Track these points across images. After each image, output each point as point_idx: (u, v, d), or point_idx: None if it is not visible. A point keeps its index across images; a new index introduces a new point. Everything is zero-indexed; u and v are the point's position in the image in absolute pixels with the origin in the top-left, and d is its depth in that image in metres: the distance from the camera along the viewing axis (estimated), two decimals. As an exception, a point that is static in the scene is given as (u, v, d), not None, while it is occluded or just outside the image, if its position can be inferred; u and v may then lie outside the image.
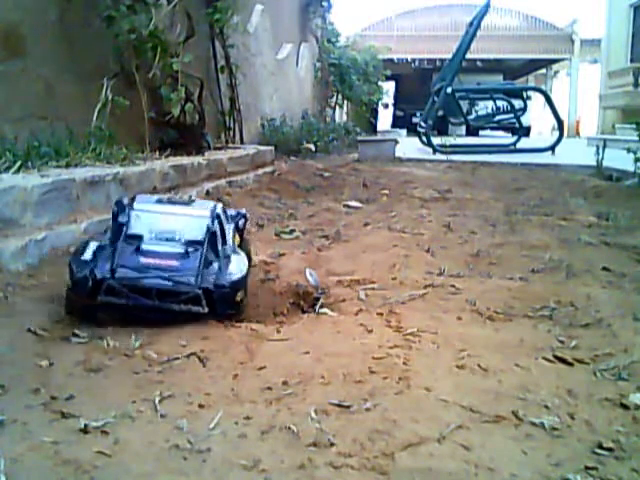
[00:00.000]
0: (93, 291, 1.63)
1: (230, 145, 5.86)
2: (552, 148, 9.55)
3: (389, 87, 17.49)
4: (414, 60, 20.98)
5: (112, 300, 1.63)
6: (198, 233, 1.79)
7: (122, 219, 1.78)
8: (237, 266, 1.81)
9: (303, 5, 10.69)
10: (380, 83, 14.18)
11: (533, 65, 23.41)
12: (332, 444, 1.07)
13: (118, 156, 3.24)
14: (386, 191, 5.01)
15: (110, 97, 3.60)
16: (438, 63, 18.65)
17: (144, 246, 1.73)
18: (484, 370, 1.41)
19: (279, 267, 2.44)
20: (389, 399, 1.25)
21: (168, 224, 1.80)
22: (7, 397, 1.23)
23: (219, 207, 1.98)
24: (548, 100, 10.75)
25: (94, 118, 3.49)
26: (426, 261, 2.53)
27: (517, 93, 12.94)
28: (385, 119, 22.28)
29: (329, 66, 12.20)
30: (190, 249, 1.74)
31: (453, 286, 2.13)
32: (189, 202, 2.03)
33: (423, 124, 10.12)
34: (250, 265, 1.98)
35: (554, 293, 2.03)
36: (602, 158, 6.30)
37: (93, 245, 1.73)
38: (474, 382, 1.35)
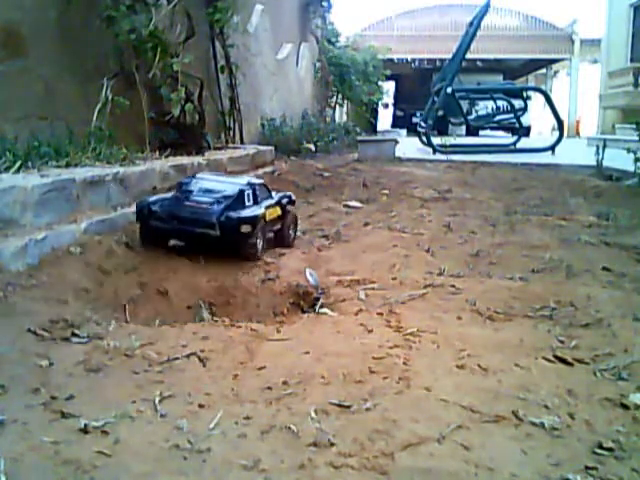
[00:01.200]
0: (148, 216, 2.48)
1: (230, 145, 5.86)
2: (552, 148, 9.54)
3: (389, 87, 17.49)
4: (414, 60, 20.97)
5: (158, 224, 2.46)
6: (231, 192, 2.58)
7: (183, 181, 2.71)
8: (249, 212, 2.53)
9: (303, 5, 10.69)
10: (380, 83, 14.17)
11: (533, 65, 23.40)
12: (332, 444, 1.07)
13: (118, 156, 3.24)
14: (386, 191, 5.01)
15: (110, 97, 3.60)
16: (438, 63, 18.64)
17: (191, 196, 2.55)
18: (484, 370, 1.41)
19: (279, 267, 2.44)
20: (389, 399, 1.25)
21: (212, 185, 2.64)
22: (7, 397, 1.23)
23: (259, 182, 2.84)
24: (548, 100, 10.75)
25: (94, 118, 3.49)
26: (426, 261, 2.53)
27: (517, 93, 12.94)
28: (385, 119, 22.27)
29: (329, 66, 12.20)
30: (221, 200, 2.52)
31: (453, 286, 2.12)
32: (240, 177, 2.99)
33: (423, 124, 10.12)
34: (295, 231, 2.96)
35: (554, 293, 2.03)
36: (602, 158, 6.30)
37: (159, 195, 2.69)
38: (474, 382, 1.35)
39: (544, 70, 24.50)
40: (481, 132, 17.76)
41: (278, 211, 2.79)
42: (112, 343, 1.52)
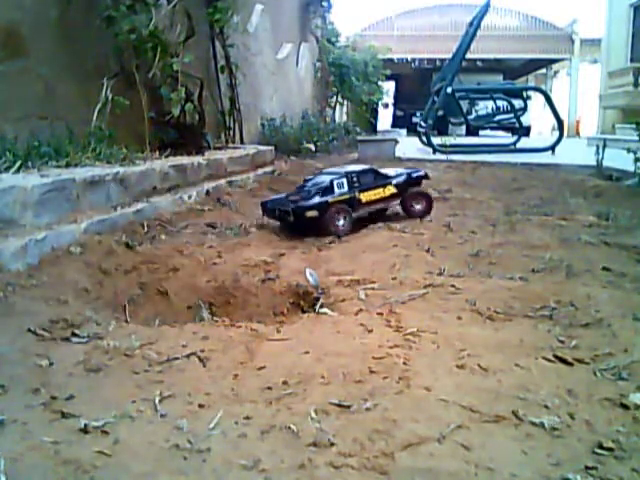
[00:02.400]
0: (265, 209, 3.30)
1: (230, 145, 5.86)
2: (552, 148, 9.54)
3: (389, 87, 17.48)
4: (414, 60, 20.97)
5: (270, 215, 3.28)
6: (326, 183, 3.20)
7: (307, 177, 3.47)
8: (317, 200, 3.11)
9: (303, 5, 10.69)
10: (380, 83, 14.17)
11: (533, 65, 23.40)
12: (332, 444, 1.07)
13: (118, 156, 3.24)
14: (386, 191, 5.00)
15: (110, 97, 3.60)
16: (438, 63, 18.65)
17: (300, 190, 3.26)
18: (484, 370, 1.41)
19: (279, 267, 2.44)
20: (389, 399, 1.25)
21: (320, 180, 3.29)
22: (7, 397, 1.23)
23: (361, 169, 3.42)
24: (548, 100, 10.74)
25: (94, 118, 3.49)
26: (426, 261, 2.53)
27: (517, 93, 12.93)
28: (385, 119, 22.28)
29: (329, 66, 12.20)
30: (316, 191, 3.15)
31: (453, 286, 2.12)
32: (354, 166, 3.60)
33: (423, 124, 10.12)
34: (424, 205, 3.52)
35: (554, 293, 2.03)
36: (602, 158, 6.30)
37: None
38: (474, 382, 1.35)
39: (544, 70, 24.51)
40: (481, 132, 17.76)
41: (390, 190, 3.42)
42: (112, 343, 1.52)
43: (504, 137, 14.75)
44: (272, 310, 2.13)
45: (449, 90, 9.50)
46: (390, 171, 3.62)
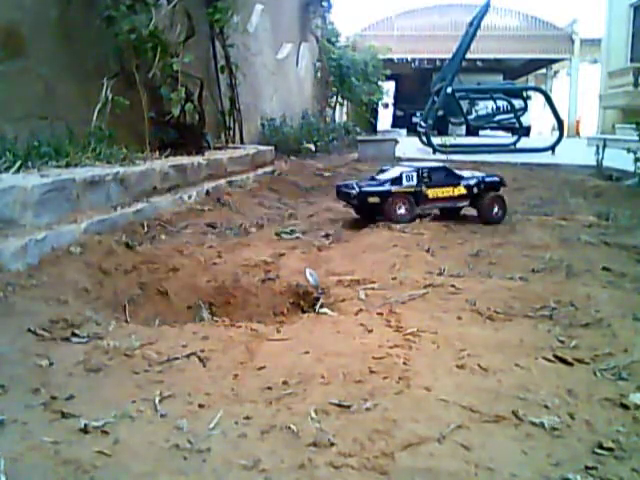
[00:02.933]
0: (338, 191, 3.64)
1: (230, 145, 5.86)
2: (552, 148, 9.55)
3: (389, 87, 17.48)
4: (414, 60, 20.97)
5: (341, 197, 3.61)
6: (396, 175, 3.46)
7: (382, 167, 3.76)
8: (380, 187, 3.42)
9: (303, 5, 10.69)
10: (380, 83, 14.17)
11: (533, 65, 23.40)
12: (332, 444, 1.07)
13: (118, 156, 3.24)
14: (386, 191, 5.00)
15: (110, 97, 3.60)
16: (438, 63, 18.64)
17: (374, 179, 3.57)
18: (484, 370, 1.41)
19: (279, 267, 2.44)
20: (389, 399, 1.25)
21: (394, 170, 3.56)
22: (7, 397, 1.23)
23: (431, 166, 3.59)
24: (548, 100, 10.74)
25: (94, 118, 3.49)
26: (426, 261, 2.53)
27: (517, 93, 12.93)
28: (385, 119, 22.27)
29: (329, 66, 12.20)
30: (387, 180, 3.46)
31: (453, 286, 2.12)
32: (426, 162, 4.08)
33: (423, 124, 10.12)
34: (499, 211, 3.54)
35: (554, 293, 2.03)
36: (602, 158, 6.30)
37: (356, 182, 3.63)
38: (474, 382, 1.35)
39: (544, 70, 24.51)
40: (481, 132, 17.76)
41: (460, 191, 3.53)
42: (112, 343, 1.52)
43: (504, 137, 14.75)
44: (272, 310, 2.13)
45: (449, 90, 9.50)
46: (466, 173, 3.74)
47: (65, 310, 1.75)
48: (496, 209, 3.53)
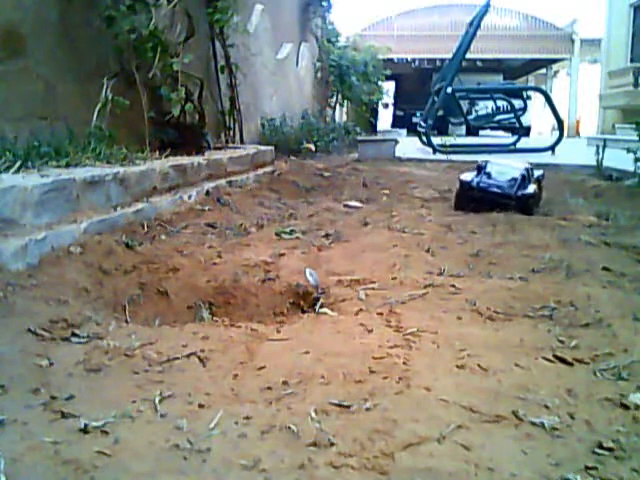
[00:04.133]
0: (469, 189, 3.96)
1: (230, 145, 5.86)
2: (552, 148, 9.55)
3: (389, 87, 17.48)
4: (414, 60, 20.99)
5: (475, 194, 3.92)
6: (516, 175, 3.95)
7: (482, 165, 4.10)
8: (529, 189, 3.91)
9: (303, 5, 10.69)
10: (380, 83, 14.17)
11: (533, 65, 23.41)
12: (332, 444, 1.07)
13: (118, 156, 3.24)
14: (386, 191, 5.02)
15: (110, 97, 3.60)
16: (438, 63, 18.66)
17: (492, 178, 3.96)
18: (484, 370, 1.41)
19: (279, 267, 2.44)
20: (389, 399, 1.25)
21: (503, 169, 4.03)
22: (7, 397, 1.23)
23: (529, 167, 4.15)
24: (548, 100, 10.75)
25: (94, 118, 3.49)
26: (426, 261, 2.53)
27: (517, 93, 12.94)
28: (385, 119, 22.28)
29: (329, 66, 12.20)
30: (512, 181, 3.91)
31: (453, 286, 2.12)
32: (517, 164, 4.30)
33: (423, 124, 10.12)
34: (540, 196, 4.19)
35: (554, 293, 2.03)
36: (602, 158, 6.30)
37: (469, 175, 4.06)
38: (474, 382, 1.35)
39: (544, 70, 24.52)
40: (481, 132, 17.77)
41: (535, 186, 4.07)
42: (112, 343, 1.52)
43: (504, 137, 14.75)
44: (272, 310, 2.13)
45: (449, 90, 9.50)
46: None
47: (65, 310, 1.75)
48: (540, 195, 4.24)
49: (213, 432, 1.11)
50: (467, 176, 4.02)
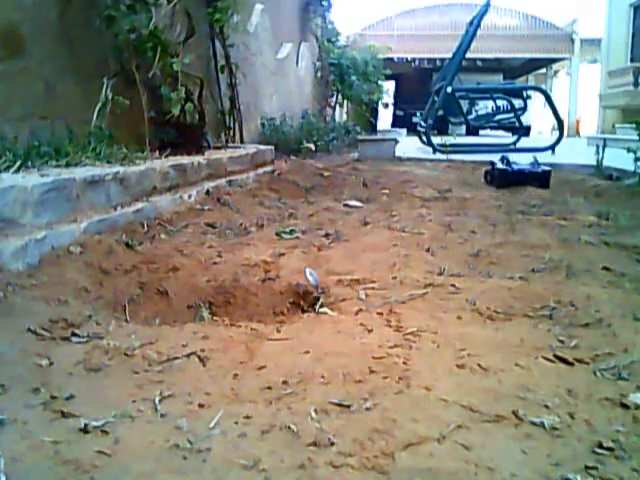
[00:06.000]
0: (506, 172, 5.36)
1: (230, 144, 5.86)
2: (552, 148, 9.55)
3: (389, 86, 17.48)
4: (414, 59, 20.99)
5: (509, 175, 5.30)
6: (532, 161, 5.55)
7: (506, 157, 5.56)
8: (546, 168, 5.35)
9: (303, 5, 10.69)
10: (380, 82, 14.16)
11: (533, 65, 23.40)
12: (332, 444, 1.07)
13: (118, 156, 3.23)
14: (386, 190, 5.01)
15: (110, 97, 3.59)
16: (438, 63, 18.67)
17: (517, 164, 5.43)
18: (484, 370, 1.41)
19: (279, 267, 2.44)
20: (389, 399, 1.25)
21: (518, 160, 5.49)
22: (7, 397, 1.23)
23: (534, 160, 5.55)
24: (548, 99, 10.74)
25: (94, 118, 3.49)
26: (426, 261, 2.53)
27: (517, 92, 12.94)
28: (385, 119, 22.27)
29: (329, 66, 12.19)
30: (532, 165, 5.47)
31: (453, 286, 2.12)
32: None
33: (423, 124, 10.12)
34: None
35: (554, 293, 2.03)
36: (602, 157, 6.31)
37: (499, 164, 5.49)
38: (474, 382, 1.35)
39: (544, 70, 24.51)
40: (481, 132, 17.77)
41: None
42: (112, 343, 1.52)
43: (504, 137, 14.74)
44: (272, 310, 2.13)
45: (449, 90, 9.50)
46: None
47: (65, 310, 1.75)
48: None
49: (213, 432, 1.11)
50: (499, 165, 5.45)
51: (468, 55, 10.40)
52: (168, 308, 2.11)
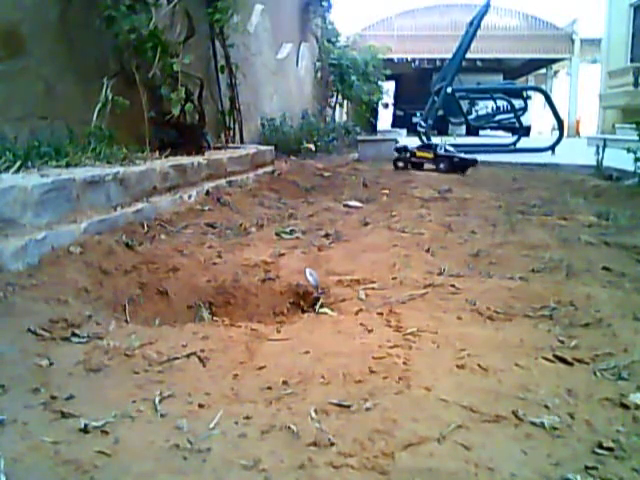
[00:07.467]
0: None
1: (230, 145, 5.86)
2: (552, 148, 9.55)
3: (389, 87, 17.48)
4: (414, 60, 20.99)
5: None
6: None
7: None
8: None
9: (303, 5, 10.69)
10: (380, 83, 14.17)
11: (533, 65, 23.40)
12: (332, 444, 1.07)
13: (118, 156, 3.23)
14: (386, 191, 5.01)
15: (110, 97, 3.59)
16: (438, 63, 18.67)
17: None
18: (484, 370, 1.41)
19: (279, 267, 2.44)
20: (389, 399, 1.25)
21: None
22: (7, 397, 1.23)
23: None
24: (548, 100, 10.75)
25: (94, 118, 3.49)
26: (426, 261, 2.53)
27: (517, 93, 12.94)
28: (385, 119, 22.27)
29: (329, 66, 12.20)
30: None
31: (453, 286, 2.12)
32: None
33: (423, 124, 10.12)
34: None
35: (554, 293, 2.03)
36: (602, 158, 6.31)
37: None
38: (474, 382, 1.35)
39: (544, 70, 24.51)
40: (481, 132, 17.76)
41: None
42: (112, 343, 1.52)
43: (504, 137, 14.74)
44: (272, 310, 2.13)
45: (449, 90, 9.51)
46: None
47: (65, 310, 1.75)
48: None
49: (213, 432, 1.11)
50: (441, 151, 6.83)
51: (468, 55, 10.42)
52: (168, 308, 2.11)
